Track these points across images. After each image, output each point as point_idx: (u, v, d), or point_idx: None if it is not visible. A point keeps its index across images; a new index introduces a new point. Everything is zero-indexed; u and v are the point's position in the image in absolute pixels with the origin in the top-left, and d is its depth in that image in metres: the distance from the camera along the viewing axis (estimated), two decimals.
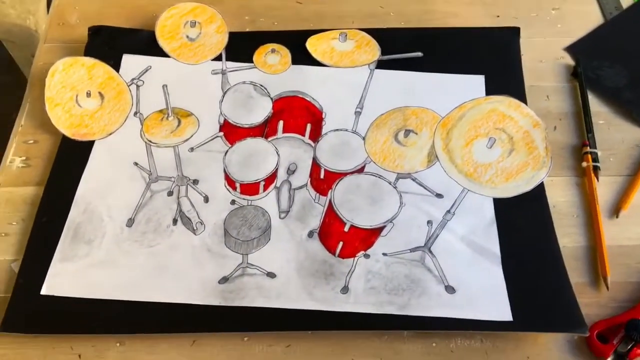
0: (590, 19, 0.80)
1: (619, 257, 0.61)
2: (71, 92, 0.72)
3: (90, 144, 0.69)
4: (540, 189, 0.65)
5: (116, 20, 0.79)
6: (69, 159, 0.67)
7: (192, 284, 0.59)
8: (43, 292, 0.58)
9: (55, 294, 0.58)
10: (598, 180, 0.66)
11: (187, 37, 0.77)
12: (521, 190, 0.64)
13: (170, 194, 0.65)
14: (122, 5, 0.82)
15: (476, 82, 0.73)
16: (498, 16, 0.81)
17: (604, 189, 0.66)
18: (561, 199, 0.65)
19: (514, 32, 0.77)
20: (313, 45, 0.76)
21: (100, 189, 0.65)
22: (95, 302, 0.58)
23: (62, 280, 0.59)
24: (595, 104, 0.73)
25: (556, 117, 0.72)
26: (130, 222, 0.63)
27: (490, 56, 0.75)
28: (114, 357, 0.56)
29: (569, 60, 0.76)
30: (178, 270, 0.60)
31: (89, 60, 0.74)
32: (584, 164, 0.67)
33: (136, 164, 0.67)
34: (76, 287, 0.59)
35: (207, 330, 0.56)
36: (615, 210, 0.64)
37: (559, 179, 0.67)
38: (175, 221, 0.63)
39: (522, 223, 0.63)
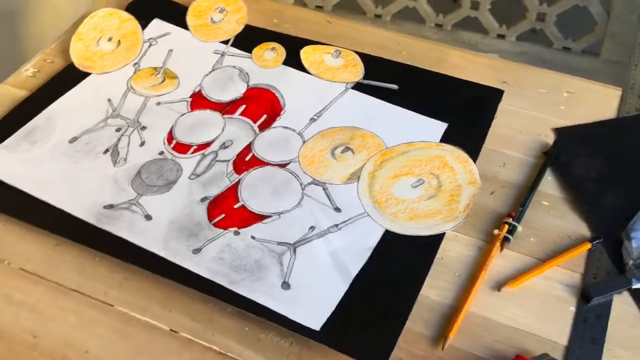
0: (599, 111, 0.76)
1: (476, 327, 0.57)
2: (98, 34, 0.84)
3: (85, 75, 0.79)
4: (437, 238, 0.63)
5: None
6: (63, 79, 0.78)
7: (84, 201, 0.65)
8: None
9: None
10: (501, 251, 0.62)
11: (212, 19, 0.86)
12: (418, 232, 0.64)
13: (118, 130, 0.73)
14: None
15: (436, 128, 0.72)
16: (505, 82, 0.79)
17: (506, 262, 0.62)
18: (452, 254, 0.62)
19: (497, 93, 0.75)
20: (307, 53, 0.81)
21: (69, 109, 0.75)
22: (11, 188, 0.67)
23: None
24: (550, 186, 0.68)
25: (500, 184, 0.68)
26: (73, 139, 0.72)
27: (462, 108, 0.74)
28: None
29: (551, 140, 0.73)
30: (82, 187, 0.67)
31: (126, 15, 0.86)
32: (496, 231, 0.63)
33: (109, 100, 0.76)
34: (2, 171, 0.68)
35: (69, 238, 0.62)
36: (501, 284, 0.60)
37: (463, 237, 0.64)
38: (107, 151, 0.71)
39: (397, 259, 0.61)
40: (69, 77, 0.79)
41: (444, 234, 0.64)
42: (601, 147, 0.71)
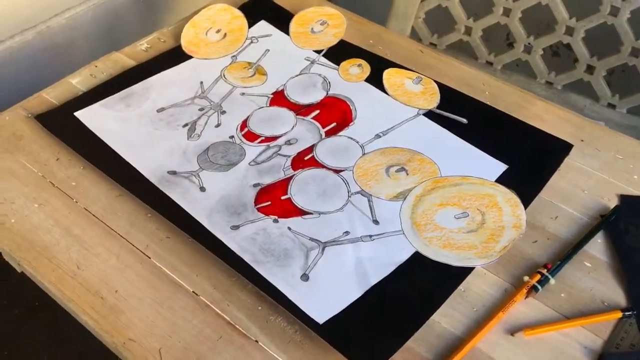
0: None
1: None
2: (209, 25, 0.92)
3: (188, 57, 0.87)
4: (464, 271, 0.63)
5: (285, 2, 0.97)
6: (168, 58, 0.87)
7: (153, 163, 0.72)
8: (76, 114, 0.78)
9: (81, 119, 0.77)
10: (526, 297, 0.61)
11: (312, 29, 0.92)
12: (447, 261, 0.65)
13: (201, 109, 0.80)
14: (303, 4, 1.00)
15: (495, 167, 0.73)
16: (582, 140, 0.78)
17: (529, 310, 0.61)
18: (476, 290, 0.62)
19: (566, 146, 0.74)
20: (389, 75, 0.84)
21: (166, 82, 0.83)
22: (96, 137, 0.75)
23: (92, 115, 0.78)
24: (599, 250, 0.66)
25: (546, 235, 0.67)
26: (161, 110, 0.79)
27: (528, 153, 0.74)
28: (72, 172, 0.72)
29: (612, 204, 0.71)
30: (155, 150, 0.74)
31: (237, 12, 0.94)
32: (526, 278, 0.62)
33: (201, 82, 0.83)
34: (95, 124, 0.77)
35: (131, 191, 0.69)
36: (517, 330, 0.59)
37: (492, 276, 0.64)
38: (186, 125, 0.77)
39: (419, 281, 0.62)
40: (173, 56, 0.87)
41: (473, 268, 0.64)
42: None
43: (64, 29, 1.34)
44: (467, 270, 0.63)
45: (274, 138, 0.76)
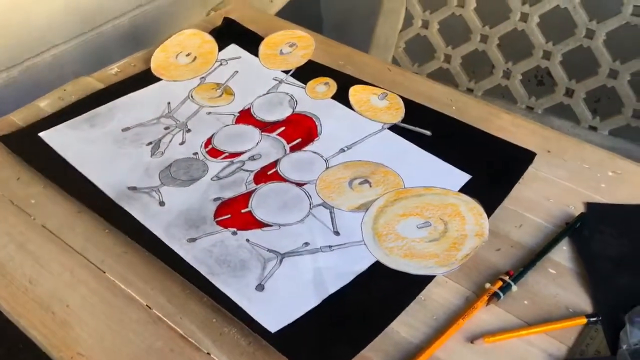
0: None
1: None
2: (180, 49, 0.93)
3: (156, 79, 0.88)
4: (424, 279, 0.62)
5: (254, 26, 0.98)
6: (137, 80, 0.87)
7: (112, 178, 0.72)
8: (40, 134, 0.78)
9: (45, 140, 0.77)
10: (487, 304, 0.60)
11: (281, 51, 0.93)
12: (407, 270, 0.64)
13: (166, 128, 0.80)
14: (266, 21, 1.01)
15: (459, 177, 0.72)
16: (549, 151, 0.77)
17: (490, 317, 0.59)
18: (437, 299, 0.61)
19: (529, 155, 0.74)
20: (356, 91, 0.84)
21: (132, 103, 0.83)
22: (59, 157, 0.75)
23: (57, 135, 0.78)
24: (564, 257, 0.65)
25: (510, 243, 0.66)
26: (126, 129, 0.79)
27: (491, 163, 0.73)
28: (33, 191, 0.71)
29: (578, 212, 0.69)
30: (116, 167, 0.73)
31: (208, 37, 0.95)
32: (487, 285, 0.61)
33: (168, 103, 0.84)
34: (58, 144, 0.76)
35: (88, 206, 0.68)
36: (476, 337, 0.57)
37: (454, 285, 0.62)
38: (150, 143, 0.77)
39: (377, 289, 0.61)
40: (142, 79, 0.87)
41: (433, 277, 0.62)
42: (629, 230, 0.67)
43: (52, 66, 1.35)
44: (428, 279, 0.62)
45: (238, 154, 0.76)
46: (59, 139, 0.77)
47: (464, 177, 0.72)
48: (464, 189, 0.70)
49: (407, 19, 1.41)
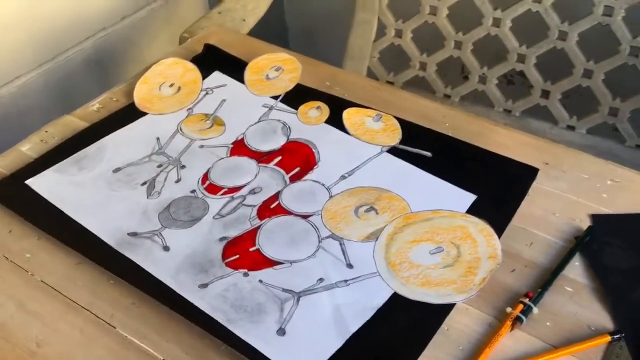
0: None
1: None
2: (162, 80, 0.90)
3: (142, 114, 0.85)
4: (445, 308, 0.61)
5: (234, 50, 0.96)
6: (121, 116, 0.84)
7: (111, 226, 0.69)
8: (27, 182, 0.74)
9: (33, 188, 0.74)
10: (511, 330, 0.59)
11: (267, 76, 0.91)
12: (426, 300, 0.63)
13: (159, 166, 0.77)
14: (247, 44, 0.99)
15: (464, 198, 0.71)
16: (546, 164, 0.77)
17: (515, 343, 0.59)
18: (460, 327, 0.60)
19: (531, 172, 0.74)
20: (349, 114, 0.83)
21: (120, 142, 0.80)
22: (50, 205, 0.72)
23: (44, 182, 0.75)
24: (577, 273, 0.65)
25: (523, 263, 0.66)
26: (117, 170, 0.76)
27: (494, 182, 0.73)
28: (27, 244, 0.68)
29: (585, 225, 0.70)
30: (112, 213, 0.71)
31: (190, 65, 0.92)
32: (509, 309, 0.61)
33: (157, 138, 0.81)
34: (47, 190, 0.73)
35: (89, 257, 0.66)
36: None
37: (475, 311, 0.61)
38: (144, 183, 0.75)
39: (400, 323, 0.60)
40: (127, 114, 0.84)
41: (453, 304, 0.62)
42: (637, 240, 0.67)
43: (15, 98, 1.30)
44: (449, 307, 0.61)
45: (237, 189, 0.74)
46: (47, 185, 0.74)
47: (469, 198, 0.71)
48: (471, 210, 0.70)
49: (380, 29, 1.40)
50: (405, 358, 0.57)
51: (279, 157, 0.78)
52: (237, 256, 0.66)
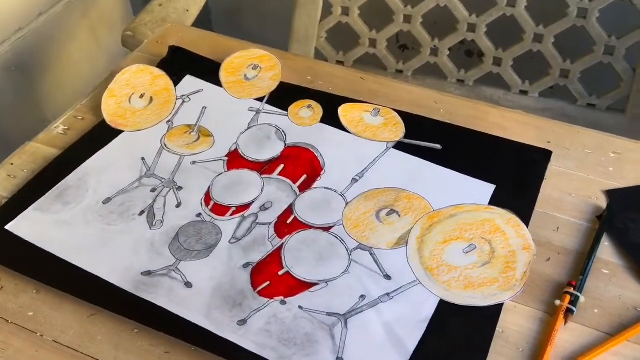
0: None
1: None
2: (130, 91, 0.82)
3: (118, 133, 0.77)
4: (495, 309, 0.59)
5: (201, 49, 0.89)
6: (95, 137, 0.76)
7: (120, 267, 0.62)
8: (7, 227, 0.65)
9: (15, 233, 0.65)
10: (565, 324, 0.59)
11: (245, 76, 0.84)
12: (474, 303, 0.60)
13: (153, 190, 0.70)
14: (212, 40, 0.92)
15: (484, 189, 0.70)
16: (549, 142, 0.77)
17: (570, 336, 0.58)
18: (514, 328, 0.59)
19: (544, 154, 0.73)
20: (345, 111, 0.79)
21: (101, 168, 0.72)
22: (39, 250, 0.63)
23: (27, 224, 0.66)
24: (608, 253, 0.65)
25: (556, 250, 0.65)
26: (107, 200, 0.69)
27: (510, 169, 0.71)
28: (25, 299, 0.60)
29: (602, 203, 0.70)
30: (117, 251, 0.64)
31: (158, 71, 0.84)
32: (557, 302, 0.60)
33: (143, 159, 0.74)
34: (33, 234, 0.65)
35: (105, 307, 0.59)
36: None
37: (523, 308, 0.60)
38: (142, 213, 0.68)
39: (455, 333, 0.58)
40: (100, 134, 0.76)
41: (502, 304, 0.60)
42: None
43: None
44: (498, 308, 0.60)
45: (246, 206, 0.69)
46: (30, 228, 0.66)
47: (489, 188, 0.70)
48: (492, 201, 0.69)
49: (326, 8, 1.36)
50: None
51: (282, 166, 0.73)
52: (268, 283, 0.61)
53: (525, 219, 0.67)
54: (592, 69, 1.28)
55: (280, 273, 0.62)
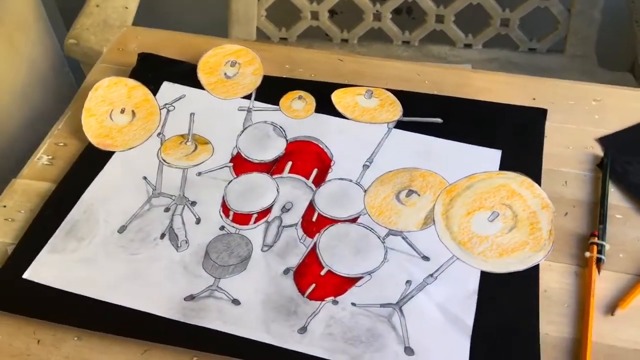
0: (631, 115, 0.78)
1: (604, 357, 0.56)
2: (108, 107, 0.77)
3: (109, 154, 0.73)
4: (533, 271, 0.62)
5: (168, 52, 0.85)
6: (87, 163, 0.72)
7: (160, 296, 0.60)
8: (25, 276, 0.61)
9: (36, 280, 0.61)
10: (599, 273, 0.62)
11: (225, 74, 0.82)
12: (513, 268, 0.62)
13: (167, 210, 0.68)
14: (177, 40, 0.88)
15: (492, 156, 0.72)
16: (534, 99, 0.80)
17: (605, 283, 0.62)
18: (555, 285, 0.62)
19: (540, 113, 0.76)
20: (338, 97, 0.78)
21: (105, 195, 0.69)
22: (68, 294, 0.60)
23: (45, 269, 0.62)
24: (616, 198, 0.69)
25: (570, 203, 0.69)
26: (122, 229, 0.66)
27: (511, 133, 0.74)
28: (68, 349, 0.57)
29: (598, 151, 0.74)
30: (151, 281, 0.61)
31: (132, 82, 0.80)
32: (587, 254, 0.63)
33: (145, 178, 0.71)
34: (56, 278, 0.61)
35: (159, 341, 0.57)
36: (612, 308, 0.60)
37: (557, 265, 0.63)
38: (163, 235, 0.65)
39: (505, 301, 0.60)
40: (91, 159, 0.72)
41: (538, 265, 0.63)
42: None
43: None
44: (535, 270, 0.62)
45: (267, 210, 0.68)
46: (50, 272, 0.62)
47: (496, 154, 0.72)
48: (501, 166, 0.71)
49: None
50: (530, 334, 0.57)
51: (290, 163, 0.72)
52: (314, 285, 0.61)
53: (536, 178, 0.70)
54: (530, 14, 1.33)
55: (322, 273, 0.62)
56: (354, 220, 0.67)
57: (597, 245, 0.64)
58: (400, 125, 0.76)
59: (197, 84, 0.81)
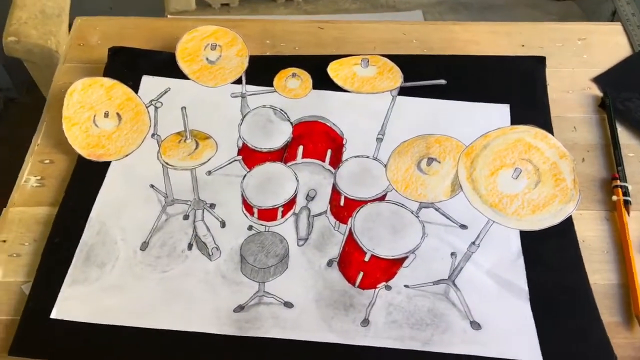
0: (618, 50, 0.79)
1: None
2: (89, 112, 0.71)
3: (106, 165, 0.67)
4: (568, 223, 0.63)
5: (135, 42, 0.78)
6: (84, 179, 0.66)
7: (206, 312, 0.56)
8: (53, 315, 0.56)
9: (65, 318, 0.56)
10: (629, 215, 0.64)
11: (207, 59, 0.76)
12: (548, 223, 0.62)
13: (186, 217, 0.63)
14: (140, 27, 0.81)
15: (501, 111, 0.71)
16: (523, 45, 0.79)
17: (636, 224, 0.64)
18: (590, 234, 0.63)
19: (540, 61, 0.76)
20: (335, 70, 0.75)
21: (114, 211, 0.63)
22: (105, 327, 0.56)
23: (72, 303, 0.57)
24: (624, 136, 0.71)
25: (583, 149, 0.70)
26: (144, 246, 0.61)
27: (516, 85, 0.73)
28: None
29: (597, 92, 0.75)
30: (192, 297, 0.58)
31: (108, 81, 0.73)
32: (614, 197, 0.65)
33: (152, 186, 0.66)
34: (87, 312, 0.56)
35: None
36: None
37: (587, 213, 0.65)
38: (190, 246, 0.61)
39: (550, 257, 0.61)
40: (87, 174, 0.66)
41: (571, 217, 0.64)
42: None
43: None
44: (569, 221, 0.63)
45: (292, 201, 0.65)
46: (79, 308, 0.57)
47: (505, 109, 0.71)
48: (512, 120, 0.71)
49: None
50: (581, 286, 0.58)
51: (301, 147, 0.69)
52: (362, 273, 0.59)
53: (548, 127, 0.70)
54: None
55: (366, 259, 0.60)
56: (382, 198, 0.65)
57: (622, 187, 0.65)
58: (403, 91, 0.73)
59: (179, 74, 0.75)
